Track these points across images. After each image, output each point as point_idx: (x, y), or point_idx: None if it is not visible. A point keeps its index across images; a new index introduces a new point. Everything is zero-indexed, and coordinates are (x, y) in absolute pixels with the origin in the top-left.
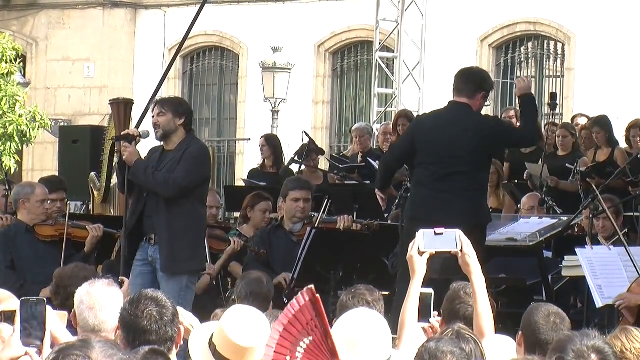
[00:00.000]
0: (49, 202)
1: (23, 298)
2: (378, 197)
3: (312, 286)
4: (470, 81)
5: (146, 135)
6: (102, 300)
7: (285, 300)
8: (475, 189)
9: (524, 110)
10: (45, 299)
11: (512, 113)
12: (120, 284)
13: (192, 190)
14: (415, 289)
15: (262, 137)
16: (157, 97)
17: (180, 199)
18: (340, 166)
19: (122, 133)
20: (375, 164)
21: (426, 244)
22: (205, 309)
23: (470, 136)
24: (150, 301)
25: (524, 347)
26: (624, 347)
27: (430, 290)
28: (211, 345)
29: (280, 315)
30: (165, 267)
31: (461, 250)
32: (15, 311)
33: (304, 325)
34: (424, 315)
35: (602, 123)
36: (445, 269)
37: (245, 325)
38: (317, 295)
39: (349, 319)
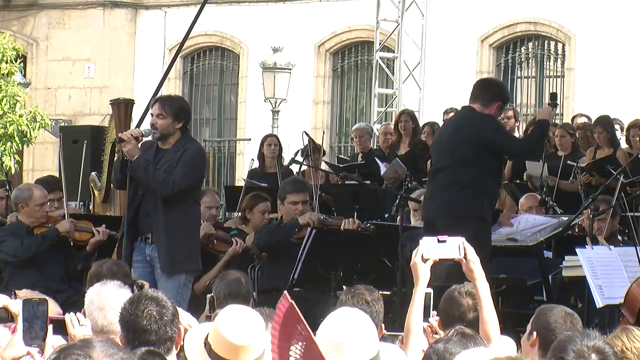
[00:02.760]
0: (48, 204)
1: (25, 298)
2: None
3: (285, 292)
4: (487, 89)
5: (148, 133)
6: (112, 301)
7: None
8: (457, 182)
9: (534, 130)
10: (46, 298)
11: (510, 113)
12: (140, 287)
13: (189, 192)
14: (420, 296)
15: (272, 135)
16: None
17: (177, 199)
18: (340, 166)
19: (124, 134)
20: (381, 164)
21: (430, 251)
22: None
23: (462, 136)
24: (150, 301)
25: (538, 347)
26: (624, 347)
27: (429, 290)
28: (206, 344)
29: (272, 322)
30: (165, 268)
31: (465, 258)
32: (10, 312)
33: (293, 331)
34: (424, 315)
35: (604, 123)
36: (449, 276)
37: (239, 323)
38: (292, 301)
39: (332, 321)
